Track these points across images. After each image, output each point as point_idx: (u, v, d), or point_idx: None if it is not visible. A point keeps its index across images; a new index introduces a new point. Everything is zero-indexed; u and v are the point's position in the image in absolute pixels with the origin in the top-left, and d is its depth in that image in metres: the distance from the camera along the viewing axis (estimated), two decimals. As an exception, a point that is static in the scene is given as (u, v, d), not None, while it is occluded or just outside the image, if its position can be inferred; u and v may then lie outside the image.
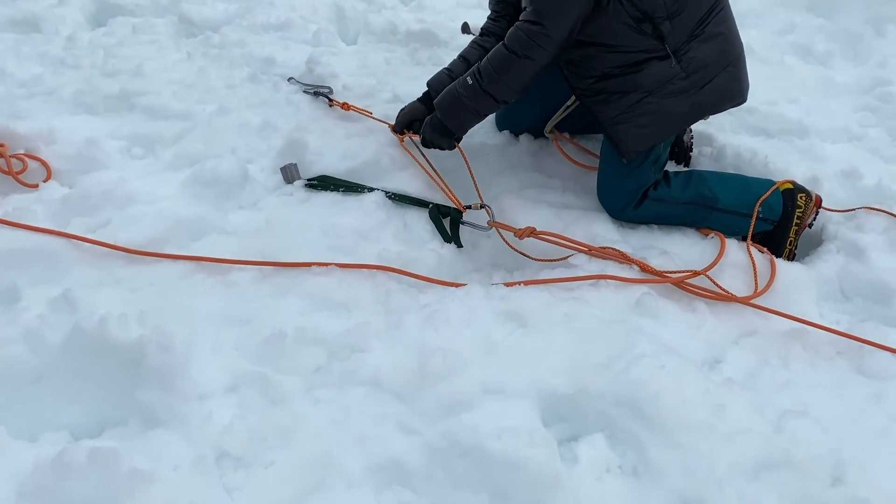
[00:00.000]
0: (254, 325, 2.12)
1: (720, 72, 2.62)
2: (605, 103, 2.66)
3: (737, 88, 2.72)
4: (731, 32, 2.66)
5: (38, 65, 3.70)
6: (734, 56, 2.65)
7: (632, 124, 2.62)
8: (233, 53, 3.83)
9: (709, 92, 2.62)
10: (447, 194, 2.72)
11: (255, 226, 2.57)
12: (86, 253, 2.35)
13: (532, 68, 2.56)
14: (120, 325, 1.95)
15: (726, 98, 2.72)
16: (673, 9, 2.50)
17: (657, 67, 2.55)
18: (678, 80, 2.56)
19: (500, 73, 2.58)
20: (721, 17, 2.62)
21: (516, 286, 2.34)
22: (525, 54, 2.52)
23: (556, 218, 2.71)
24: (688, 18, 2.53)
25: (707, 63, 2.58)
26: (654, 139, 2.64)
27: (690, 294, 2.39)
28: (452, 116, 2.72)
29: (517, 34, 2.54)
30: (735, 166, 3.10)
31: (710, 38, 2.58)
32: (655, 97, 2.58)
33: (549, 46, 2.50)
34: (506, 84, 2.60)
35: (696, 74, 2.57)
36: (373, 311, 2.21)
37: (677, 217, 2.71)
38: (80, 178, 2.74)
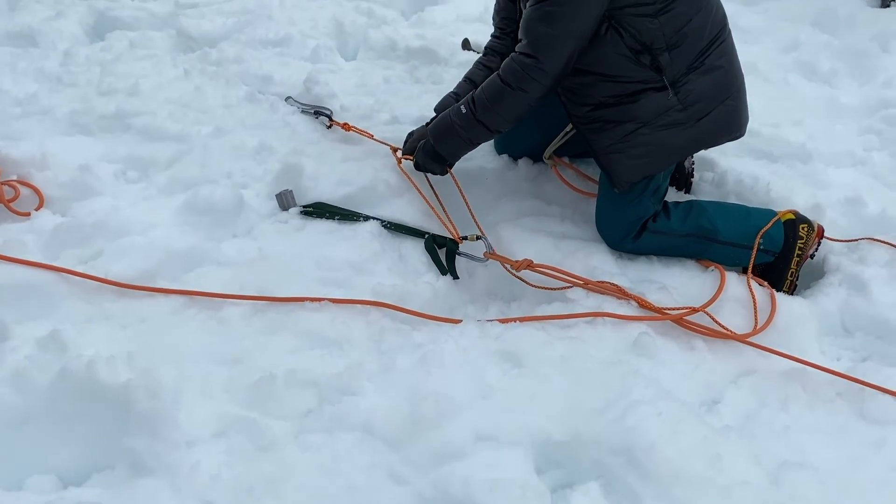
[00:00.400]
0: (244, 366, 2.09)
1: (718, 105, 2.60)
2: (599, 132, 2.63)
3: (734, 122, 2.69)
4: (732, 65, 2.63)
5: (34, 81, 3.66)
6: (734, 89, 2.62)
7: (625, 154, 2.60)
8: (230, 71, 3.79)
9: (705, 125, 2.59)
10: (444, 224, 2.68)
11: (248, 256, 2.54)
12: (76, 287, 2.32)
13: (526, 100, 2.54)
14: (108, 368, 1.92)
15: (723, 132, 2.70)
16: (672, 41, 2.47)
17: (654, 99, 2.52)
18: (674, 111, 2.53)
19: (494, 103, 2.56)
20: (722, 50, 2.60)
21: (512, 323, 2.31)
22: (519, 86, 2.50)
23: (554, 249, 2.67)
24: (688, 50, 2.50)
25: (705, 96, 2.55)
26: (647, 170, 2.61)
27: (689, 331, 2.36)
28: (445, 143, 2.69)
29: (512, 66, 2.52)
30: (737, 193, 3.06)
31: (710, 70, 2.55)
32: (650, 128, 2.55)
33: (544, 80, 2.48)
34: (499, 115, 2.57)
35: (694, 107, 2.54)
36: (366, 350, 2.18)
37: (677, 249, 2.67)
38: (72, 205, 2.71)
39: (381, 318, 2.31)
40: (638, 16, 2.46)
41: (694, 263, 2.69)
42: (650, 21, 2.46)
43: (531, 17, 2.48)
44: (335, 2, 4.75)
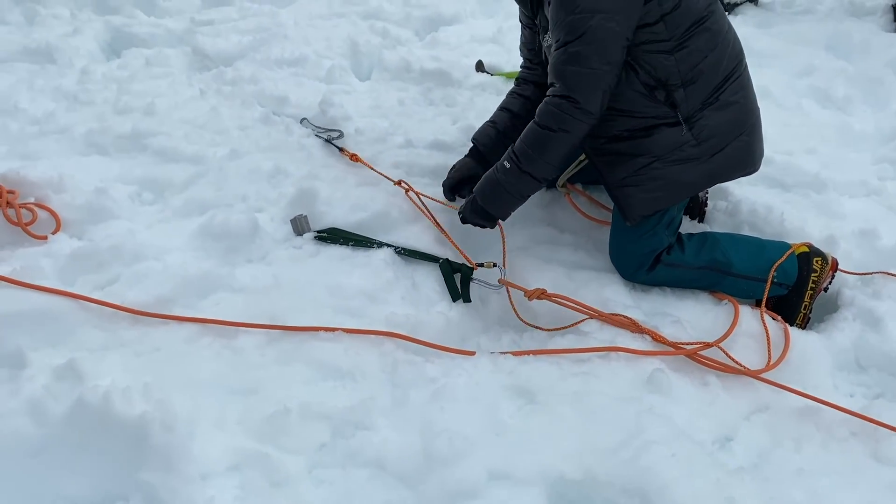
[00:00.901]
0: (258, 397, 2.10)
1: (732, 141, 2.60)
2: (612, 164, 2.63)
3: (749, 158, 2.69)
4: (748, 100, 2.63)
5: (51, 100, 3.69)
6: (749, 125, 2.63)
7: (639, 188, 2.60)
8: (245, 91, 3.81)
9: (719, 160, 2.60)
10: (459, 251, 2.69)
11: (262, 283, 2.55)
12: (92, 314, 2.34)
13: (570, 141, 2.51)
14: (124, 399, 1.93)
15: (737, 167, 2.70)
16: (688, 77, 2.48)
17: (667, 134, 2.53)
18: (688, 147, 2.54)
19: (538, 150, 2.52)
20: (738, 85, 2.60)
21: (525, 356, 2.31)
22: (561, 128, 2.47)
23: (567, 279, 2.67)
24: (703, 86, 2.51)
25: (720, 132, 2.56)
26: (659, 205, 2.62)
27: (703, 366, 2.35)
28: (494, 203, 2.66)
29: (549, 110, 2.49)
30: (750, 223, 3.05)
31: (725, 106, 2.56)
32: (663, 163, 2.56)
33: (585, 118, 2.46)
34: (545, 161, 2.54)
35: (708, 143, 2.54)
36: (379, 382, 2.18)
37: (690, 281, 2.67)
38: (88, 228, 2.73)
39: (394, 349, 2.31)
40: (654, 52, 2.47)
41: (707, 296, 2.69)
42: (665, 58, 2.47)
43: (560, 61, 2.46)
44: (350, 21, 4.78)
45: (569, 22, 2.41)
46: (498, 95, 3.63)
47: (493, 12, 5.17)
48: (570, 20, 2.40)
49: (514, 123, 2.88)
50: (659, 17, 2.43)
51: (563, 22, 2.43)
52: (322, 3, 5.04)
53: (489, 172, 2.67)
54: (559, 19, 2.44)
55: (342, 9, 4.95)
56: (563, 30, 2.43)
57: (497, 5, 5.26)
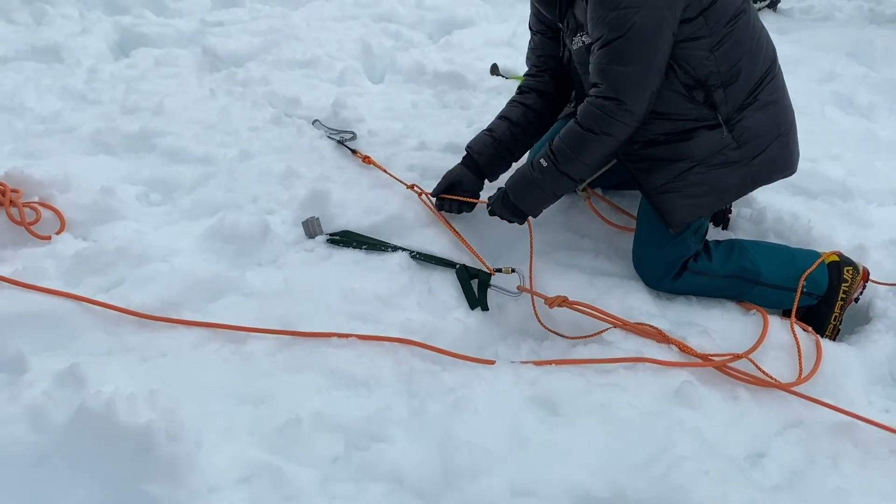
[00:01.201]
0: (269, 406, 2.01)
1: (772, 142, 2.50)
2: (650, 171, 2.53)
3: (789, 160, 2.60)
4: (784, 100, 2.54)
5: (58, 99, 3.62)
6: (786, 125, 2.54)
7: (680, 194, 2.50)
8: (257, 92, 3.74)
9: (760, 163, 2.51)
10: (476, 256, 2.60)
11: (273, 287, 2.46)
12: (97, 317, 2.25)
13: (612, 145, 2.42)
14: (128, 407, 1.84)
15: (778, 169, 2.60)
16: (727, 77, 2.39)
17: (707, 137, 2.44)
18: (729, 150, 2.45)
19: (577, 152, 2.43)
20: (774, 85, 2.51)
21: (547, 366, 2.21)
22: (604, 132, 2.38)
23: (588, 285, 2.58)
24: (742, 86, 2.42)
25: (760, 133, 2.47)
26: (703, 210, 2.53)
27: (732, 379, 2.25)
28: (526, 199, 2.57)
29: (592, 111, 2.39)
30: (776, 231, 2.96)
31: (764, 106, 2.47)
32: (704, 167, 2.46)
33: (630, 121, 2.37)
34: (584, 164, 2.46)
35: (749, 145, 2.45)
36: (394, 392, 2.09)
37: (717, 290, 2.57)
38: (94, 229, 2.65)
39: (409, 356, 2.21)
40: (693, 50, 2.37)
41: (734, 305, 2.59)
42: (706, 56, 2.38)
43: (604, 59, 2.36)
44: (362, 23, 4.70)
45: (612, 18, 2.30)
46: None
47: (506, 16, 5.10)
48: (613, 16, 2.29)
49: (513, 133, 2.80)
50: (699, 11, 2.34)
51: (605, 19, 2.32)
52: (334, 6, 4.98)
53: (523, 168, 2.58)
54: (600, 16, 2.34)
55: (354, 11, 4.89)
56: (606, 27, 2.32)
57: (511, 10, 5.19)
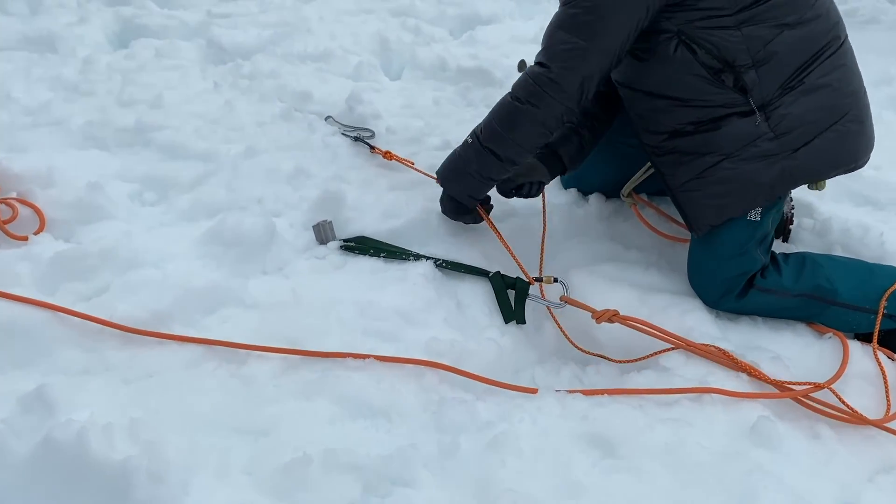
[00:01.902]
0: (272, 440, 1.69)
1: (823, 131, 2.16)
2: (675, 165, 2.26)
3: (844, 153, 2.24)
4: (844, 82, 2.19)
5: (48, 89, 3.34)
6: (846, 111, 2.18)
7: (704, 192, 2.22)
8: (265, 85, 3.45)
9: (804, 157, 2.16)
10: (516, 262, 2.29)
11: (279, 298, 2.15)
12: (74, 329, 1.95)
13: (538, 119, 2.17)
14: (104, 439, 1.55)
15: (829, 164, 2.24)
16: (760, 56, 2.08)
17: (738, 125, 2.14)
18: (764, 140, 2.13)
19: (502, 124, 2.20)
20: (830, 65, 2.16)
21: (599, 396, 1.89)
22: (529, 101, 2.15)
23: (639, 302, 2.25)
24: (780, 67, 2.10)
25: (804, 121, 2.13)
26: (729, 212, 2.21)
27: (812, 413, 1.93)
28: (453, 183, 2.35)
29: (524, 80, 2.18)
30: (843, 244, 2.63)
31: (811, 90, 2.14)
32: (733, 161, 2.16)
33: (558, 97, 2.12)
34: (508, 138, 2.21)
35: (789, 135, 2.13)
36: (421, 425, 1.76)
37: (787, 311, 2.25)
38: (77, 229, 2.36)
39: (437, 382, 1.90)
40: (713, 28, 2.08)
41: (806, 328, 2.27)
42: (730, 34, 2.08)
43: (553, 22, 2.16)
44: (379, 17, 4.43)
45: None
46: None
47: (532, 13, 4.81)
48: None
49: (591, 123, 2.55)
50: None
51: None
52: (349, -1, 4.70)
53: (454, 150, 2.36)
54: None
55: (371, 5, 4.61)
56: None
57: (536, 6, 4.92)
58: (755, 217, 2.24)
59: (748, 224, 2.23)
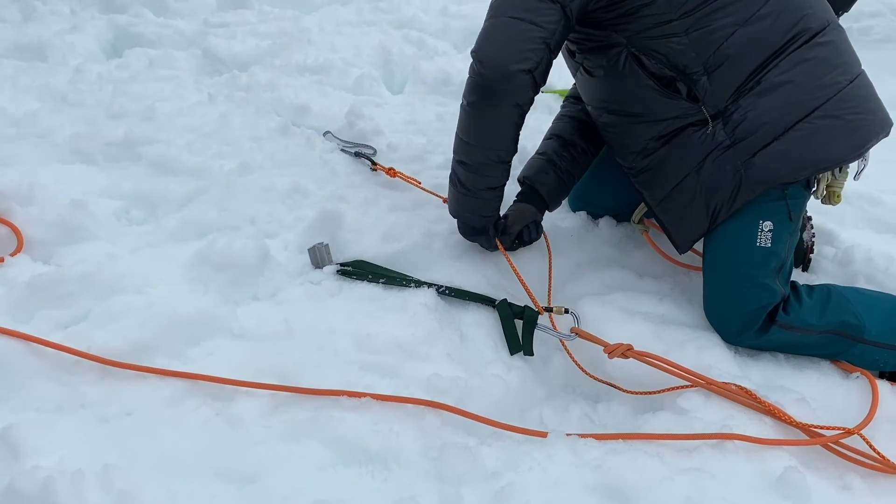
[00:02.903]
0: (259, 488, 1.55)
1: (784, 132, 1.98)
2: (650, 183, 2.20)
3: (815, 150, 2.00)
4: (810, 76, 1.97)
5: (36, 99, 3.22)
6: (810, 108, 1.97)
7: (676, 209, 2.16)
8: (261, 98, 3.32)
9: (763, 160, 1.99)
10: (526, 289, 2.15)
11: (270, 328, 2.02)
12: (48, 361, 1.81)
13: (496, 118, 2.08)
14: (72, 489, 1.42)
15: (798, 166, 2.01)
16: (711, 61, 1.97)
17: (695, 136, 2.05)
18: (721, 149, 2.03)
19: (465, 132, 2.18)
20: (793, 60, 1.98)
21: (612, 441, 1.75)
22: (465, 95, 2.10)
23: (654, 336, 2.11)
24: (733, 70, 1.98)
25: (760, 124, 1.98)
26: (703, 226, 2.12)
27: (841, 460, 1.79)
28: (459, 211, 2.29)
29: (468, 80, 2.10)
30: (867, 275, 2.50)
31: (769, 90, 1.98)
32: (696, 174, 2.07)
33: (481, 81, 2.03)
34: (475, 146, 2.16)
35: (745, 141, 1.99)
36: (420, 474, 1.62)
37: (811, 348, 2.11)
38: (57, 250, 2.24)
39: (439, 425, 1.76)
40: (662, 37, 1.99)
41: (831, 366, 2.13)
42: (677, 41, 1.98)
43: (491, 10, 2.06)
44: (381, 29, 4.31)
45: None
46: (549, 114, 3.18)
47: (538, 28, 4.69)
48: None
49: (571, 154, 2.47)
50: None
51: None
52: (350, 10, 4.59)
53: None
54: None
55: (373, 17, 4.50)
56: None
57: (542, 21, 4.78)
58: (765, 243, 2.09)
59: (759, 251, 2.08)
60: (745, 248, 2.09)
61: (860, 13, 5.12)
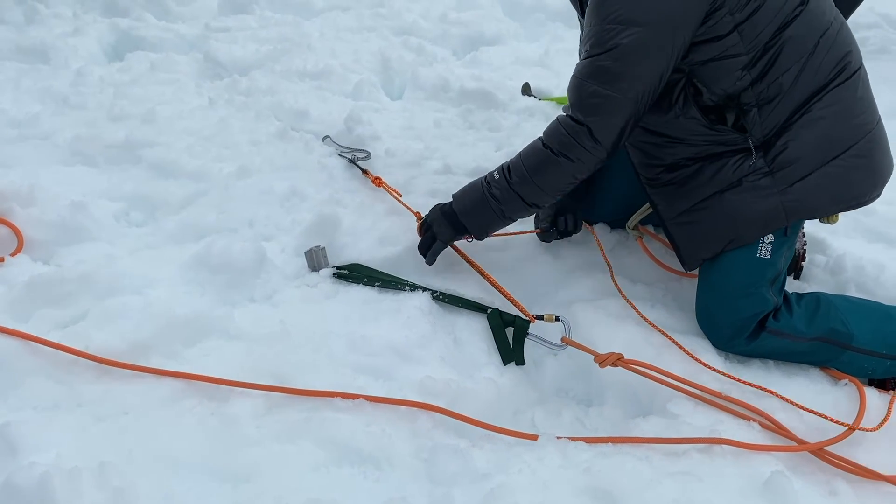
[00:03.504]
0: (253, 487, 1.58)
1: (821, 166, 2.03)
2: (671, 197, 2.19)
3: (845, 188, 2.08)
4: (847, 114, 2.04)
5: (37, 101, 3.24)
6: (845, 146, 2.04)
7: (695, 225, 2.15)
8: (261, 103, 3.34)
9: (799, 193, 2.04)
10: (512, 301, 2.17)
11: (266, 329, 2.05)
12: (46, 360, 1.84)
13: (571, 171, 2.07)
14: (69, 484, 1.45)
15: (828, 200, 2.10)
16: (764, 95, 1.98)
17: (734, 161, 2.06)
18: (758, 175, 2.04)
19: (534, 172, 2.10)
20: (835, 97, 2.03)
21: (601, 444, 1.78)
22: (564, 154, 2.04)
23: (644, 342, 2.14)
24: (784, 103, 2.00)
25: (800, 156, 2.02)
26: (721, 245, 2.12)
27: (829, 466, 1.82)
28: (474, 216, 2.21)
29: (557, 130, 2.06)
30: (858, 283, 2.52)
31: (811, 123, 2.02)
32: (727, 194, 2.09)
33: (595, 151, 2.02)
34: (538, 186, 2.10)
35: (784, 171, 2.03)
36: (412, 474, 1.65)
37: (800, 355, 2.14)
38: (57, 251, 2.27)
39: (431, 426, 1.79)
40: (723, 71, 1.98)
41: (820, 373, 2.15)
42: (739, 75, 1.98)
43: (582, 73, 2.01)
44: (381, 35, 4.33)
45: (599, 31, 1.94)
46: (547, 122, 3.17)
47: (537, 35, 4.72)
48: (600, 29, 1.94)
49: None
50: (732, 27, 1.94)
51: (592, 27, 1.97)
52: (351, 16, 4.60)
53: (476, 180, 2.24)
54: (590, 24, 1.99)
55: (373, 23, 4.51)
56: (591, 38, 1.98)
57: (541, 28, 4.82)
58: (765, 255, 2.13)
59: (759, 262, 2.12)
60: (746, 259, 2.12)
61: (857, 24, 5.14)
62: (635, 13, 1.90)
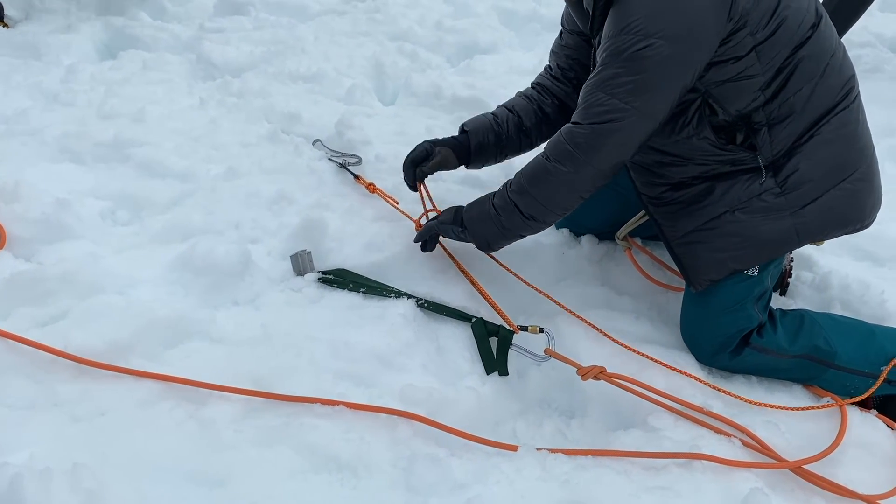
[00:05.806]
0: (227, 492, 1.58)
1: (830, 189, 2.05)
2: (676, 216, 2.15)
3: (853, 212, 2.11)
4: (854, 138, 2.06)
5: (27, 97, 3.23)
6: (851, 169, 2.06)
7: (706, 245, 2.10)
8: (252, 105, 3.33)
9: (811, 214, 2.05)
10: (497, 311, 2.17)
11: (248, 333, 2.04)
12: (23, 358, 1.83)
13: (570, 183, 2.01)
14: (40, 486, 1.43)
15: (836, 222, 2.12)
16: (775, 115, 1.97)
17: (744, 180, 2.04)
18: (769, 195, 2.03)
19: (534, 185, 2.05)
20: (843, 119, 2.04)
21: (581, 457, 1.77)
22: (559, 160, 1.99)
23: (627, 355, 2.13)
24: (794, 124, 1.99)
25: (813, 177, 2.02)
26: (733, 265, 2.10)
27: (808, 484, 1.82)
28: (478, 229, 2.18)
29: (562, 143, 2.00)
30: (843, 301, 2.52)
31: (824, 144, 2.02)
32: (739, 214, 2.06)
33: (600, 165, 1.97)
34: (537, 201, 2.06)
35: (796, 192, 2.02)
36: (389, 482, 1.64)
37: (783, 371, 2.14)
38: (40, 248, 2.24)
39: (411, 435, 1.77)
40: (741, 90, 1.96)
41: (802, 390, 2.16)
42: (754, 94, 1.97)
43: (595, 83, 1.94)
44: (376, 40, 4.31)
45: (617, 44, 1.88)
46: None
47: (532, 45, 4.71)
48: (619, 42, 1.88)
49: (520, 140, 2.47)
50: (751, 48, 1.93)
51: (611, 40, 1.91)
52: (346, 20, 4.59)
53: (484, 196, 2.21)
54: (608, 35, 1.93)
55: (368, 28, 4.50)
56: (608, 51, 1.92)
57: (536, 38, 4.82)
58: (753, 272, 2.13)
59: (746, 280, 2.13)
60: (734, 277, 2.12)
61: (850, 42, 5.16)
62: (658, 25, 1.84)
